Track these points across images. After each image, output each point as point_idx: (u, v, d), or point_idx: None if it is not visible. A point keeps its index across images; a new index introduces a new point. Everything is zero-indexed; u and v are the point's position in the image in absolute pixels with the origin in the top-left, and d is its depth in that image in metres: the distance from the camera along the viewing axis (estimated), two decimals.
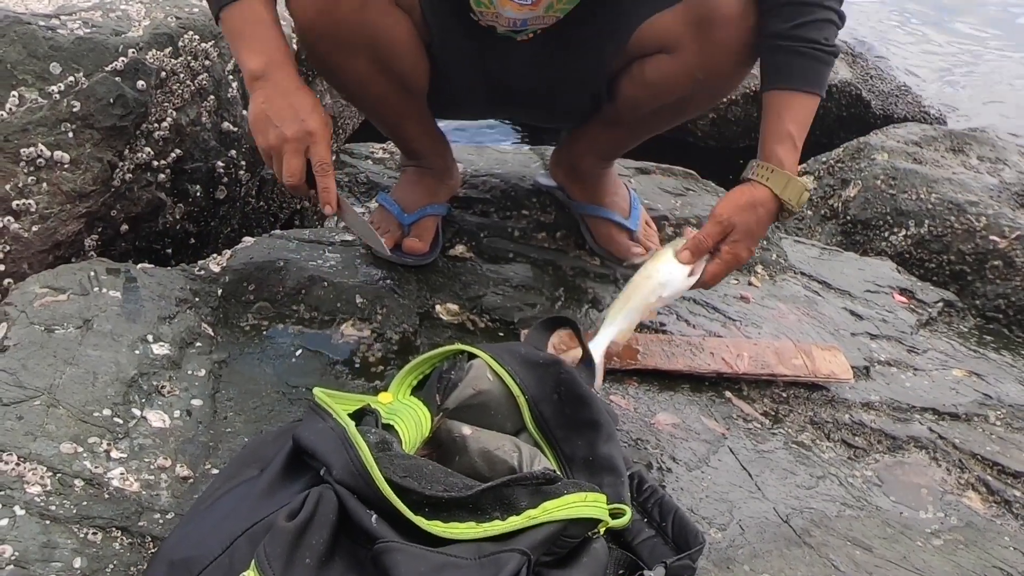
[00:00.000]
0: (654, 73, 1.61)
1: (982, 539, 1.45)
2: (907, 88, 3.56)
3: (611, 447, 1.25)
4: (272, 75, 1.44)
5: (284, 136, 1.44)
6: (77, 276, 1.53)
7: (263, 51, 1.45)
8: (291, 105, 1.44)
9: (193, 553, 0.99)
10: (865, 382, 1.76)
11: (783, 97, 1.53)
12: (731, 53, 1.55)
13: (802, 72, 1.52)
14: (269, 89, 1.44)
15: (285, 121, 1.44)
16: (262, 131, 1.46)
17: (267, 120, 1.44)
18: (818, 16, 1.50)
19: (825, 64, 1.53)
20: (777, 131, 1.53)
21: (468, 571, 0.93)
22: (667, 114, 1.73)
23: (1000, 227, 2.33)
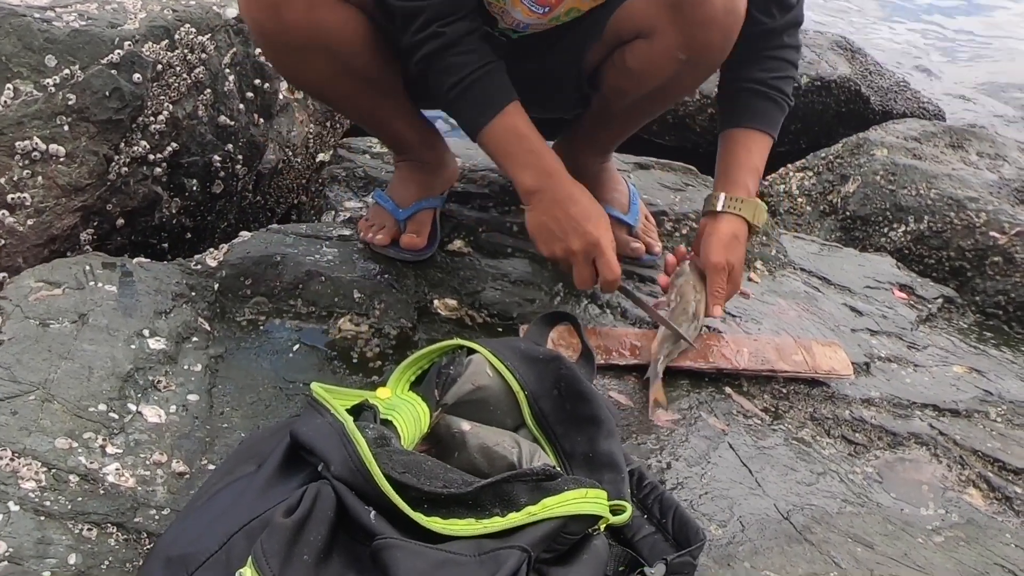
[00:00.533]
0: (635, 60, 1.60)
1: (983, 536, 1.44)
2: (906, 84, 3.55)
3: (611, 443, 1.24)
4: (546, 188, 1.51)
5: (571, 250, 1.51)
6: (72, 270, 1.51)
7: (532, 165, 1.51)
8: (572, 215, 1.50)
9: (190, 549, 0.98)
10: (865, 378, 1.75)
11: (753, 135, 1.71)
12: (713, 27, 1.54)
13: (772, 117, 1.71)
14: (547, 202, 1.51)
15: (568, 233, 1.51)
16: (546, 243, 1.54)
17: (550, 233, 1.52)
18: (789, 73, 1.72)
19: (784, 112, 1.73)
20: (747, 164, 1.70)
21: (468, 568, 0.92)
22: (656, 98, 1.73)
23: (1000, 223, 2.32)
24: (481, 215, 1.93)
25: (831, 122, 3.34)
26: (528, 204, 1.53)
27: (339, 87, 1.61)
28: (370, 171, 2.06)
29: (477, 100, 1.50)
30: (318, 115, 2.35)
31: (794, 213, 2.67)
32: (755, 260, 2.05)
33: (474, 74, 1.48)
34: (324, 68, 1.55)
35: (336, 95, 1.69)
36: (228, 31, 1.99)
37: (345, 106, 1.80)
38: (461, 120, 1.55)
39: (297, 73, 1.63)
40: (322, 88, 1.68)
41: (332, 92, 1.67)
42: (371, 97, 1.64)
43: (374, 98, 1.65)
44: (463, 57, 1.48)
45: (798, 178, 2.75)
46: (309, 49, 1.51)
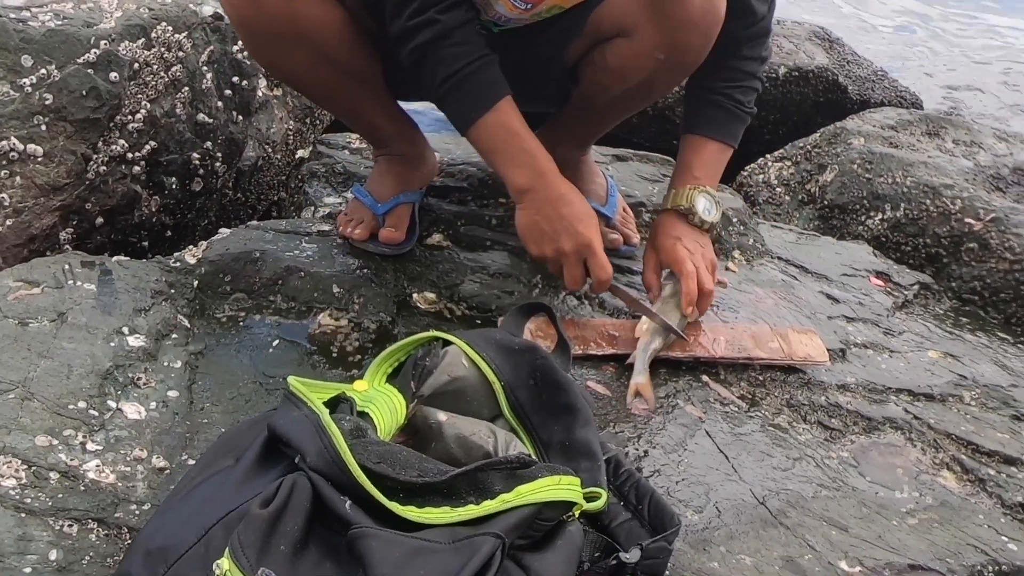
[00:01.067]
0: (615, 58, 1.61)
1: (957, 517, 1.47)
2: (884, 73, 3.57)
3: (587, 432, 1.25)
4: (538, 187, 1.51)
5: (562, 251, 1.52)
6: (51, 269, 1.52)
7: (525, 164, 1.51)
8: (563, 216, 1.51)
9: (169, 542, 0.99)
10: (841, 364, 1.77)
11: (701, 141, 1.74)
12: (692, 28, 1.55)
13: (724, 125, 1.73)
14: (539, 201, 1.52)
15: (560, 234, 1.51)
16: (536, 242, 1.54)
17: (541, 232, 1.53)
18: (747, 83, 1.73)
19: (742, 121, 1.75)
20: (682, 166, 1.74)
21: (442, 555, 0.93)
22: (635, 96, 1.74)
23: (975, 209, 2.35)
24: (460, 209, 1.94)
25: (809, 112, 3.36)
26: (519, 203, 1.54)
27: (318, 78, 1.62)
28: (349, 167, 2.07)
29: (470, 94, 1.49)
30: (298, 111, 2.36)
31: (773, 203, 2.69)
32: (733, 249, 2.07)
33: (468, 67, 1.47)
34: (303, 59, 1.56)
35: (315, 87, 1.70)
36: (205, 29, 1.99)
37: (324, 98, 1.81)
38: (452, 113, 1.53)
39: (276, 63, 1.65)
40: (301, 79, 1.69)
41: (311, 83, 1.68)
42: (350, 89, 1.65)
43: (353, 90, 1.66)
44: (458, 48, 1.47)
45: (776, 168, 2.77)
46: (288, 39, 1.52)
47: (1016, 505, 1.52)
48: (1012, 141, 2.79)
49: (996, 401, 1.78)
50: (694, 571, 1.24)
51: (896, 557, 1.34)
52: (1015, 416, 1.75)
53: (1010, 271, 2.23)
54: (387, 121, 1.75)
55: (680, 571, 1.23)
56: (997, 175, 2.56)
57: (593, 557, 1.11)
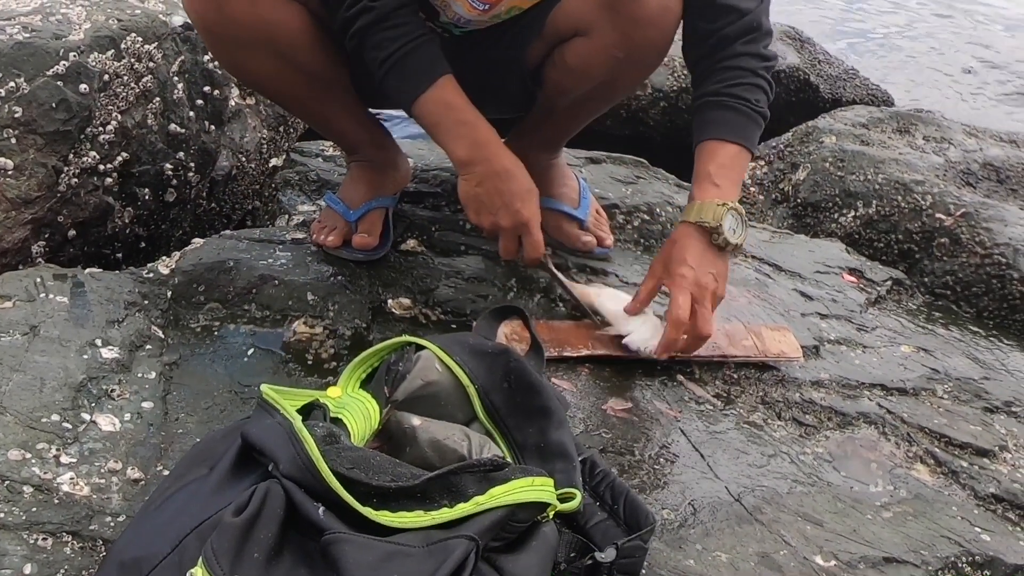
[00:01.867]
0: (574, 58, 1.62)
1: (930, 510, 1.48)
2: (855, 71, 3.60)
3: (562, 433, 1.26)
4: (480, 161, 1.53)
5: (500, 225, 1.56)
6: (23, 283, 1.51)
7: (465, 136, 1.52)
8: (502, 192, 1.53)
9: (143, 553, 0.99)
10: (815, 361, 1.78)
11: (712, 145, 1.60)
12: (648, 25, 1.56)
13: (732, 124, 1.60)
14: (480, 174, 1.53)
15: (499, 209, 1.54)
16: (475, 212, 1.57)
17: (480, 204, 1.56)
18: (749, 80, 1.60)
19: (754, 121, 1.61)
20: (699, 175, 1.61)
21: (416, 559, 0.94)
22: (599, 95, 1.74)
23: (946, 205, 2.37)
24: (434, 214, 1.94)
25: (781, 111, 3.37)
26: (463, 174, 1.55)
27: (284, 83, 1.62)
28: (323, 174, 2.07)
29: (408, 73, 1.50)
30: (271, 120, 2.36)
31: (747, 202, 2.71)
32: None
33: (405, 47, 1.49)
34: (268, 63, 1.57)
35: (281, 91, 1.70)
36: (175, 39, 1.99)
37: (291, 103, 1.81)
38: (394, 93, 1.54)
39: (241, 68, 1.65)
40: (267, 84, 1.69)
41: (277, 88, 1.68)
42: (316, 94, 1.66)
43: (320, 95, 1.66)
44: (393, 31, 1.49)
45: (750, 168, 2.78)
46: (252, 44, 1.53)
47: (989, 496, 1.54)
48: (982, 137, 2.83)
49: (968, 394, 1.80)
50: (670, 569, 1.25)
51: (871, 550, 1.36)
52: (987, 408, 1.77)
53: (981, 265, 2.25)
54: (356, 127, 1.75)
55: (656, 569, 1.24)
56: (967, 170, 2.58)
57: (569, 557, 1.12)
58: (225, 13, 1.49)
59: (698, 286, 1.55)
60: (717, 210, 1.56)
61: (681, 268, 1.56)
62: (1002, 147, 2.79)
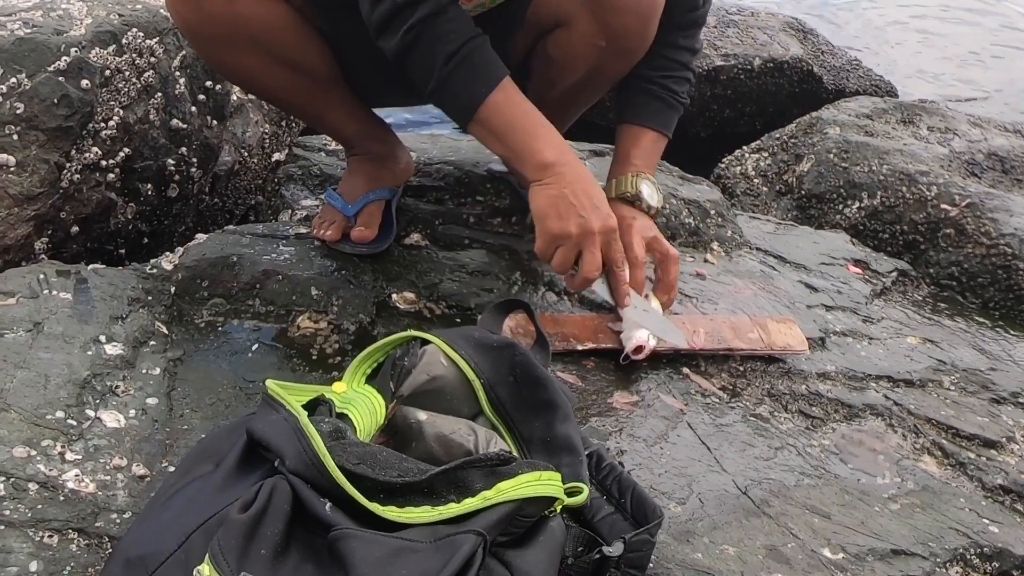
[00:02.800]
0: (556, 49, 1.61)
1: (938, 501, 1.48)
2: (858, 62, 3.59)
3: (568, 427, 1.25)
4: (564, 162, 1.46)
5: (590, 228, 1.45)
6: (26, 279, 1.51)
7: (548, 138, 1.46)
8: (591, 195, 1.46)
9: (149, 550, 0.99)
10: (821, 353, 1.78)
11: (636, 131, 1.73)
12: (627, 13, 1.55)
13: (657, 114, 1.73)
14: (567, 177, 1.45)
15: (590, 212, 1.45)
16: (562, 217, 1.45)
17: (570, 207, 1.44)
18: (680, 73, 1.73)
19: (675, 111, 1.75)
20: (620, 157, 1.72)
21: (424, 554, 0.93)
22: (587, 86, 1.73)
23: (951, 195, 2.36)
24: (437, 208, 1.94)
25: (785, 103, 3.38)
26: (541, 179, 1.45)
27: (273, 81, 1.61)
28: (325, 168, 2.07)
29: (478, 70, 1.42)
30: (273, 115, 2.35)
31: (751, 194, 2.70)
32: (712, 241, 2.08)
33: (471, 43, 1.40)
34: (253, 61, 1.55)
35: (271, 90, 1.68)
36: (176, 34, 1.98)
37: (283, 101, 1.80)
38: (459, 93, 1.43)
39: (227, 67, 1.63)
40: (255, 83, 1.68)
41: (266, 86, 1.67)
42: (306, 89, 1.63)
43: (309, 90, 1.64)
44: (456, 24, 1.40)
45: (754, 159, 2.78)
46: (234, 41, 1.51)
47: (996, 488, 1.54)
48: (986, 127, 2.82)
49: (975, 385, 1.79)
50: (678, 563, 1.24)
51: (879, 542, 1.35)
52: (994, 400, 1.76)
53: (987, 256, 2.24)
54: (352, 121, 1.73)
55: (664, 563, 1.24)
56: (972, 161, 2.58)
57: (576, 552, 1.11)
58: (204, 11, 1.47)
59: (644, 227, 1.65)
60: (633, 180, 1.68)
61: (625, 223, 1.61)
62: (1007, 137, 2.78)
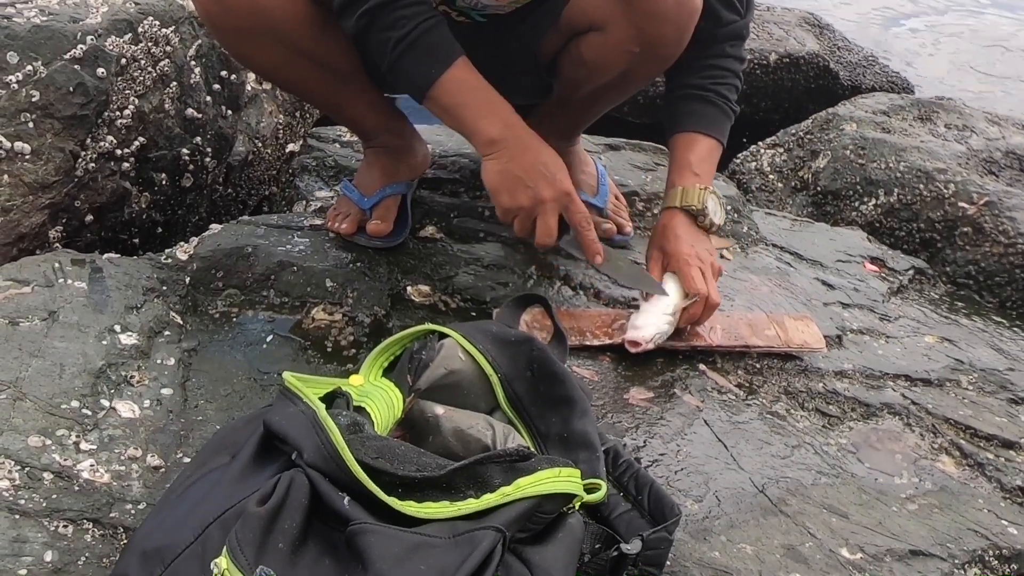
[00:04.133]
0: (589, 53, 1.60)
1: (956, 502, 1.46)
2: (874, 58, 3.57)
3: (585, 423, 1.24)
4: (510, 137, 1.47)
5: (540, 197, 1.47)
6: (41, 268, 1.51)
7: (495, 114, 1.48)
8: (539, 164, 1.47)
9: (165, 542, 0.98)
10: (838, 351, 1.76)
11: (693, 137, 1.71)
12: (664, 21, 1.54)
13: (713, 120, 1.71)
14: (512, 150, 1.47)
15: (538, 182, 1.47)
16: (510, 191, 1.47)
17: (517, 180, 1.47)
18: (731, 81, 1.72)
19: (729, 119, 1.73)
20: (678, 164, 1.70)
21: (443, 550, 0.92)
22: (615, 88, 1.73)
23: (968, 194, 2.34)
24: (452, 200, 1.93)
25: (801, 98, 3.36)
26: (488, 154, 1.48)
27: (292, 71, 1.60)
28: (340, 160, 2.06)
29: (428, 52, 1.45)
30: (288, 105, 2.34)
31: (766, 190, 2.69)
32: (727, 237, 2.06)
33: (421, 26, 1.43)
34: (274, 52, 1.54)
35: (292, 81, 1.68)
36: (192, 23, 1.97)
37: (303, 92, 1.80)
38: (409, 75, 1.47)
39: (249, 58, 1.63)
40: (277, 73, 1.67)
41: (287, 77, 1.67)
42: (326, 81, 1.63)
43: (329, 82, 1.63)
44: (407, 10, 1.43)
45: (769, 155, 2.76)
46: (255, 33, 1.51)
47: (1015, 489, 1.52)
48: (1004, 124, 2.79)
49: (993, 385, 1.78)
50: (695, 561, 1.24)
51: (897, 543, 1.34)
52: (1012, 400, 1.75)
53: (1004, 255, 2.23)
54: (370, 113, 1.73)
55: (681, 561, 1.23)
56: (990, 159, 2.55)
57: (594, 549, 1.10)
58: (225, 4, 1.47)
59: (700, 260, 1.63)
60: (701, 194, 1.66)
61: (681, 247, 1.64)
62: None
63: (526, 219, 1.50)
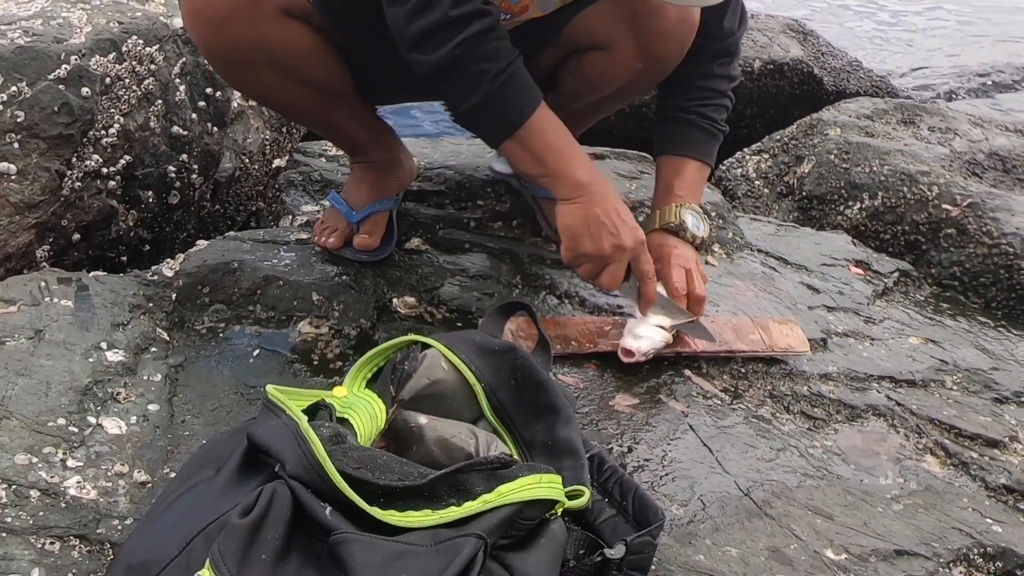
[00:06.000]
0: (593, 69, 1.62)
1: (941, 501, 1.47)
2: (858, 63, 3.59)
3: (570, 430, 1.25)
4: (596, 183, 1.48)
5: (622, 246, 1.49)
6: (28, 287, 1.51)
7: (582, 159, 1.49)
8: (621, 212, 1.49)
9: (150, 555, 0.99)
10: (823, 354, 1.77)
11: (679, 161, 1.72)
12: (669, 39, 1.56)
13: (698, 143, 1.72)
14: (598, 196, 1.47)
15: (621, 230, 1.49)
16: (592, 237, 1.48)
17: (601, 226, 1.48)
18: (718, 101, 1.72)
19: (716, 139, 1.74)
20: (661, 188, 1.72)
21: (424, 557, 0.93)
22: (612, 99, 1.75)
23: (952, 195, 2.36)
24: (438, 212, 1.94)
25: (786, 104, 3.38)
26: (572, 198, 1.47)
27: (287, 95, 1.61)
28: (326, 174, 2.07)
29: (521, 89, 1.42)
30: (274, 121, 2.35)
31: (752, 196, 2.70)
32: (713, 243, 2.08)
33: (516, 62, 1.40)
34: (271, 79, 1.55)
35: (285, 103, 1.69)
36: (176, 41, 1.99)
37: (295, 114, 1.81)
38: (503, 110, 1.42)
39: (246, 85, 1.65)
40: (270, 98, 1.69)
41: (281, 100, 1.68)
42: (321, 103, 1.64)
43: (324, 103, 1.64)
44: (502, 43, 1.40)
45: (754, 161, 2.78)
46: (255, 63, 1.51)
47: (1000, 487, 1.53)
48: (987, 126, 2.82)
49: (978, 385, 1.79)
50: (680, 564, 1.24)
51: (882, 543, 1.35)
52: (997, 399, 1.76)
53: (988, 255, 2.24)
54: (361, 130, 1.74)
55: (666, 565, 1.24)
56: (973, 160, 2.58)
57: (578, 554, 1.11)
58: (227, 35, 1.47)
59: (684, 258, 1.66)
60: (676, 211, 1.68)
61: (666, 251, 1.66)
62: (1008, 136, 2.78)
63: (599, 264, 1.51)
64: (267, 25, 1.48)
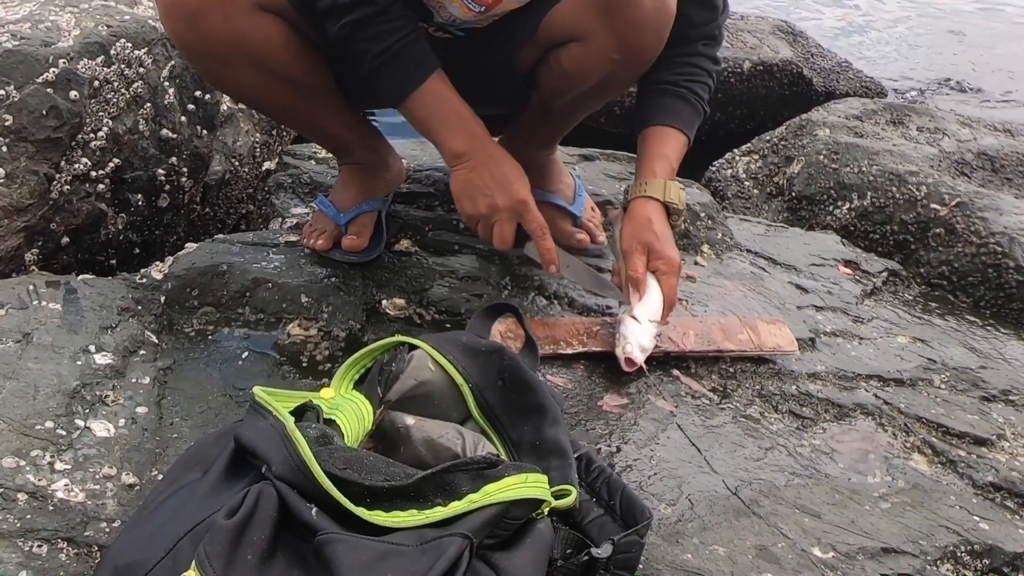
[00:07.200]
0: (570, 62, 1.62)
1: (929, 499, 1.48)
2: (848, 64, 3.60)
3: (557, 430, 1.25)
4: (475, 150, 1.55)
5: (496, 205, 1.55)
6: (16, 290, 1.51)
7: (461, 128, 1.55)
8: (497, 175, 1.54)
9: (137, 557, 0.99)
10: (811, 353, 1.78)
11: (663, 131, 1.72)
12: (645, 28, 1.56)
13: (682, 115, 1.72)
14: (475, 162, 1.54)
15: (495, 191, 1.54)
16: (471, 199, 1.56)
17: (476, 189, 1.55)
18: (703, 79, 1.74)
19: (700, 116, 1.75)
20: (655, 154, 1.71)
21: (410, 557, 0.94)
22: (594, 95, 1.74)
23: (940, 195, 2.37)
24: (427, 214, 1.94)
25: (776, 105, 3.39)
26: (455, 166, 1.56)
27: (268, 94, 1.61)
28: (315, 176, 2.07)
29: (405, 65, 1.51)
30: (263, 124, 2.36)
31: (742, 197, 2.71)
32: (702, 244, 2.08)
33: (401, 40, 1.49)
34: (249, 76, 1.55)
35: (267, 102, 1.69)
36: (165, 44, 1.99)
37: (278, 113, 1.81)
38: (387, 85, 1.53)
39: (224, 82, 1.64)
40: (251, 96, 1.68)
41: (262, 99, 1.68)
42: (302, 102, 1.64)
43: (306, 102, 1.65)
44: (389, 25, 1.49)
45: (744, 162, 2.79)
46: (231, 58, 1.52)
47: (987, 485, 1.54)
48: (975, 126, 2.83)
49: (965, 383, 1.80)
50: (667, 563, 1.25)
51: (869, 541, 1.35)
52: (984, 398, 1.77)
53: (977, 255, 2.25)
54: (345, 130, 1.74)
55: (654, 564, 1.24)
56: (961, 160, 2.59)
57: (565, 553, 1.11)
58: (201, 30, 1.48)
59: (677, 265, 1.65)
60: (681, 193, 1.69)
61: (667, 249, 1.64)
62: (996, 136, 2.79)
63: (486, 226, 1.57)
64: (241, 19, 1.48)
